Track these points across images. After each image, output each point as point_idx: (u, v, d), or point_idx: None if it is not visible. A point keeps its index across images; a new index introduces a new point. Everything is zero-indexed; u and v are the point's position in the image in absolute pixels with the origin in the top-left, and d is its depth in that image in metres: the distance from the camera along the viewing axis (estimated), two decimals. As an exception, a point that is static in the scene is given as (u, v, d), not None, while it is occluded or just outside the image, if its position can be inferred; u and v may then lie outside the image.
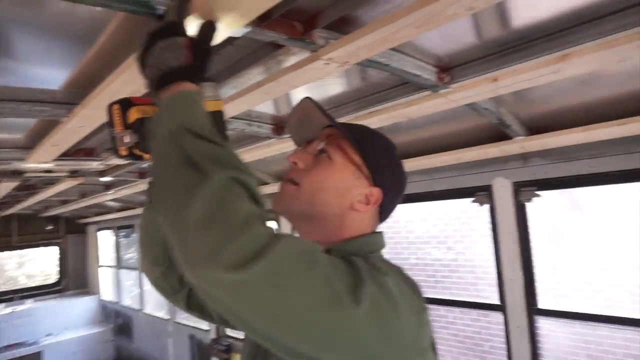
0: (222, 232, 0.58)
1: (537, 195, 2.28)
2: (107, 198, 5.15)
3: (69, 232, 8.78)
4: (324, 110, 0.97)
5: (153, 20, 0.96)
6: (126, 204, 6.34)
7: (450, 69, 1.62)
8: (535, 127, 2.12)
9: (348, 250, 0.86)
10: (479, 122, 2.20)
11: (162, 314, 6.23)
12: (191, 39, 0.83)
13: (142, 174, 4.10)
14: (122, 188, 4.56)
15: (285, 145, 2.55)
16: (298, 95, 2.10)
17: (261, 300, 0.58)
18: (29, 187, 4.48)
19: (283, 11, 1.06)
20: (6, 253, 8.58)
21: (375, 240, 0.94)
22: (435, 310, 2.75)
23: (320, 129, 1.02)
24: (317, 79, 1.43)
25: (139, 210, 5.87)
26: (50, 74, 1.59)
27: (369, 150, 0.93)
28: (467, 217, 2.60)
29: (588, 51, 1.32)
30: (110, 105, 0.86)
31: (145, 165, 3.79)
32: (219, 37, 1.00)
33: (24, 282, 10.30)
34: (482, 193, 2.48)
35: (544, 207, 2.26)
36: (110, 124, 0.86)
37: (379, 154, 0.94)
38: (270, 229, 0.62)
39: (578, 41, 1.31)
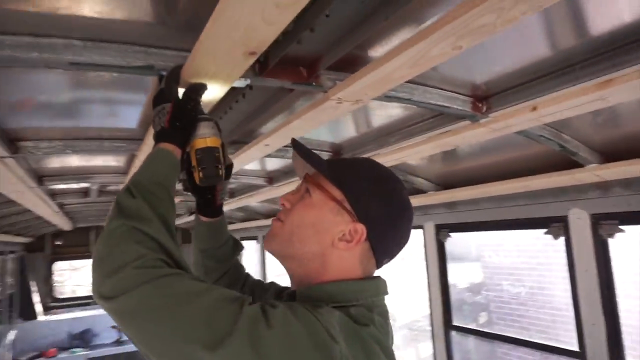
0: (103, 270, 0.75)
1: (620, 230, 1.99)
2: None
3: (184, 242, 9.79)
4: (300, 151, 0.96)
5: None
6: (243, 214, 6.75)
7: (488, 97, 1.54)
8: (612, 153, 1.87)
9: (314, 295, 0.85)
10: (547, 147, 2.01)
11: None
12: (173, 103, 0.98)
13: (231, 194, 4.46)
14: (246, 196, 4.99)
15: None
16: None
17: (130, 329, 0.72)
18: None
19: (277, 60, 1.13)
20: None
21: (360, 287, 0.87)
22: (507, 349, 2.53)
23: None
24: (335, 117, 1.47)
25: (245, 225, 6.33)
26: (128, 115, 1.84)
27: (350, 184, 0.89)
28: (540, 251, 2.35)
29: (633, 77, 1.16)
30: None
31: (229, 185, 4.13)
32: (213, 95, 1.11)
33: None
34: (556, 224, 2.24)
35: (629, 244, 1.96)
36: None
37: (363, 188, 0.89)
38: (152, 271, 0.74)
39: (622, 65, 1.16)
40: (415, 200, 3.01)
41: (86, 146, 1.95)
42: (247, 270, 1.30)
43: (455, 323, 2.96)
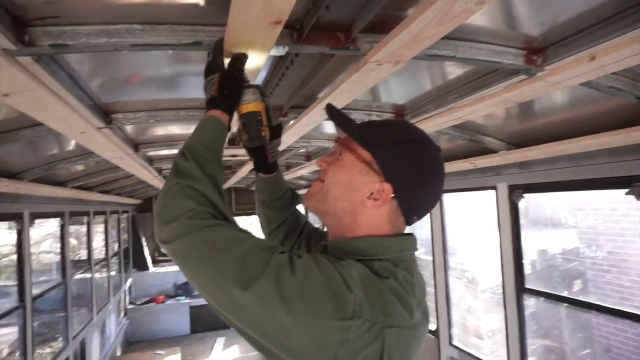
0: (162, 220, 0.90)
1: None
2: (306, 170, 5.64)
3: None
4: (332, 116, 1.04)
5: None
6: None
7: (543, 49, 1.46)
8: None
9: (344, 249, 0.94)
10: (624, 100, 1.84)
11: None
12: (220, 73, 1.08)
13: (307, 157, 4.64)
14: (296, 169, 5.23)
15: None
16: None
17: (183, 267, 0.86)
18: (228, 167, 5.57)
19: (310, 28, 1.19)
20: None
21: (387, 243, 0.93)
22: (579, 313, 2.44)
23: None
24: (379, 80, 1.49)
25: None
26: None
27: (378, 146, 0.95)
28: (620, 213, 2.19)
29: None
30: None
31: (312, 148, 4.30)
32: (256, 63, 1.22)
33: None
34: (639, 184, 2.07)
35: None
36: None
37: (391, 149, 0.94)
38: (200, 221, 0.87)
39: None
40: (487, 160, 2.91)
41: (166, 116, 2.19)
42: (307, 219, 1.42)
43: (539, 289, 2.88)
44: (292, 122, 2.41)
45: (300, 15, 1.21)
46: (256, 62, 1.23)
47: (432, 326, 4.01)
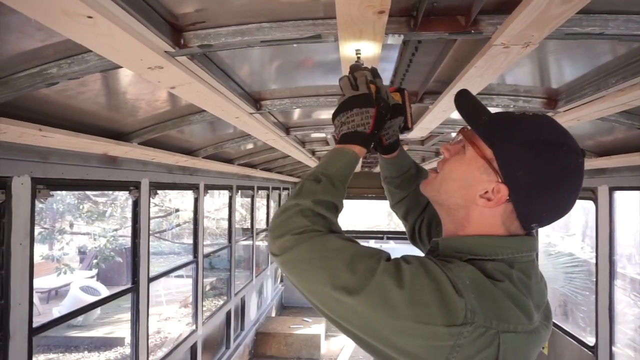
0: (274, 234, 0.92)
1: None
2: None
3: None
4: (460, 101, 0.99)
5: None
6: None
7: None
8: None
9: (454, 246, 0.92)
10: None
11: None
12: (376, 110, 1.04)
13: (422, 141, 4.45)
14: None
15: (565, 119, 2.28)
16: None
17: (292, 277, 0.88)
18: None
19: (427, 12, 1.17)
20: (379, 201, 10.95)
21: (500, 243, 0.88)
22: None
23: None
24: (511, 64, 1.38)
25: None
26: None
27: (503, 145, 0.88)
28: None
29: None
30: None
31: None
32: (373, 52, 1.25)
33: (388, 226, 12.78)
34: None
35: None
36: None
37: (516, 150, 0.86)
38: (310, 234, 0.89)
39: None
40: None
41: (307, 102, 2.37)
42: None
43: None
44: (430, 107, 2.37)
45: (415, 2, 1.19)
46: (373, 51, 1.27)
47: (591, 341, 3.52)
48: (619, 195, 3.28)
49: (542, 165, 0.85)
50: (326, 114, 3.08)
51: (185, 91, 1.65)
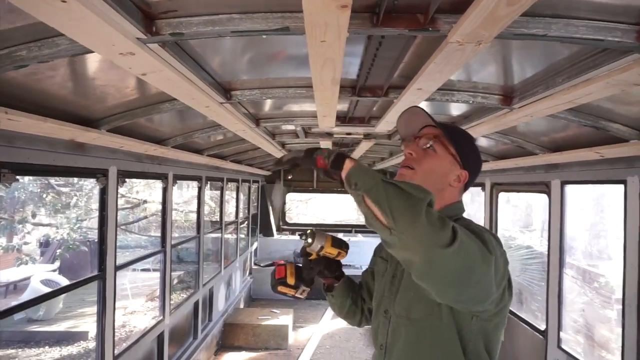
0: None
1: None
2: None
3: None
4: (431, 116, 1.39)
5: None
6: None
7: (661, 24, 1.29)
8: None
9: (447, 213, 1.22)
10: None
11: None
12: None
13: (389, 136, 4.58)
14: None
15: (519, 116, 2.43)
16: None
17: (461, 285, 1.07)
18: (344, 145, 5.77)
19: (389, 9, 1.26)
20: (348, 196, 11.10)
21: (462, 206, 1.43)
22: None
23: (420, 127, 1.42)
24: (464, 61, 1.48)
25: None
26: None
27: (460, 143, 1.37)
28: None
29: None
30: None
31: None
32: (338, 45, 1.32)
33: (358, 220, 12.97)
34: None
35: None
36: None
37: (466, 146, 1.40)
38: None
39: None
40: (615, 150, 2.60)
41: (277, 93, 2.43)
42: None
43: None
44: (394, 101, 2.47)
45: (378, 1, 1.28)
46: (338, 44, 1.34)
47: (542, 326, 3.75)
48: (570, 189, 3.50)
49: (477, 156, 1.46)
50: (296, 106, 3.14)
51: (156, 78, 1.68)
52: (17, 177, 1.97)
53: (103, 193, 2.81)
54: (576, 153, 2.94)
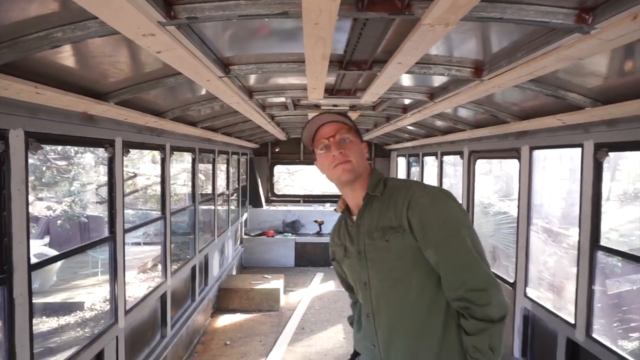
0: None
1: None
2: (406, 122, 5.88)
3: (377, 155, 10.75)
4: (345, 115, 1.72)
5: None
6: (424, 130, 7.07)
7: (595, 8, 1.57)
8: None
9: (378, 178, 1.69)
10: None
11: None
12: None
13: (404, 109, 4.87)
14: (396, 120, 5.50)
15: (488, 87, 2.70)
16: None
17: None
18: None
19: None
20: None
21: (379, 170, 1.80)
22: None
23: (318, 126, 1.68)
24: (436, 40, 1.75)
25: (425, 141, 6.73)
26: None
27: (353, 124, 1.70)
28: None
29: None
30: None
31: (408, 101, 4.53)
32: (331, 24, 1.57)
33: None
34: None
35: None
36: None
37: (357, 131, 1.71)
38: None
39: None
40: (573, 117, 2.93)
41: (271, 68, 2.66)
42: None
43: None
44: (377, 74, 2.73)
45: (362, -12, 1.53)
46: (329, 25, 1.59)
47: (510, 279, 4.15)
48: (537, 153, 3.84)
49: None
50: (286, 80, 3.38)
51: (169, 56, 1.91)
52: (42, 145, 2.19)
53: (111, 162, 3.04)
54: (541, 120, 3.26)
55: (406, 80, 3.40)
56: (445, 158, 6.52)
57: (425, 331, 1.55)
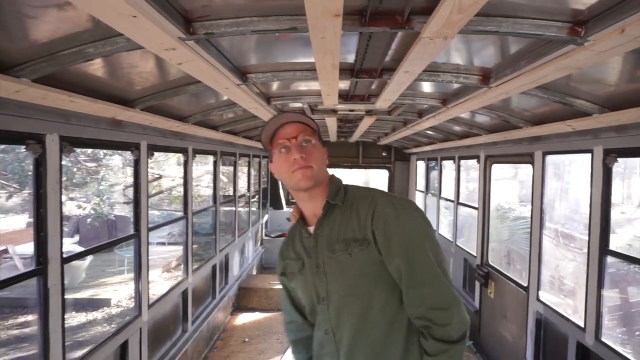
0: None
1: None
2: (422, 127, 5.90)
3: (397, 159, 10.79)
4: (309, 117, 1.60)
5: None
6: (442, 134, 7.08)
7: (587, 21, 1.65)
8: None
9: (338, 186, 1.60)
10: None
11: (449, 236, 7.15)
12: None
13: (420, 114, 4.95)
14: (412, 125, 5.57)
15: (496, 93, 2.79)
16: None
17: None
18: (349, 121, 6.14)
19: (373, 13, 1.63)
20: (354, 170, 11.56)
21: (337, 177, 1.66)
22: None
23: (279, 126, 1.54)
24: (438, 51, 1.86)
25: (443, 145, 6.76)
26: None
27: (316, 126, 1.58)
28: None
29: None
30: None
31: (423, 106, 4.61)
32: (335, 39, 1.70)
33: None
34: None
35: None
36: None
37: (317, 126, 1.59)
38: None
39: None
40: (581, 123, 2.97)
41: (285, 76, 2.81)
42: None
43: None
44: (387, 81, 2.84)
45: (365, 5, 1.65)
46: (334, 40, 1.72)
47: (524, 282, 4.17)
48: (550, 158, 3.87)
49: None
50: (303, 86, 3.52)
51: (189, 66, 2.08)
52: (75, 148, 2.39)
53: (136, 164, 3.24)
54: (552, 126, 3.30)
55: (418, 86, 3.51)
56: (463, 162, 6.55)
57: (387, 348, 1.49)
